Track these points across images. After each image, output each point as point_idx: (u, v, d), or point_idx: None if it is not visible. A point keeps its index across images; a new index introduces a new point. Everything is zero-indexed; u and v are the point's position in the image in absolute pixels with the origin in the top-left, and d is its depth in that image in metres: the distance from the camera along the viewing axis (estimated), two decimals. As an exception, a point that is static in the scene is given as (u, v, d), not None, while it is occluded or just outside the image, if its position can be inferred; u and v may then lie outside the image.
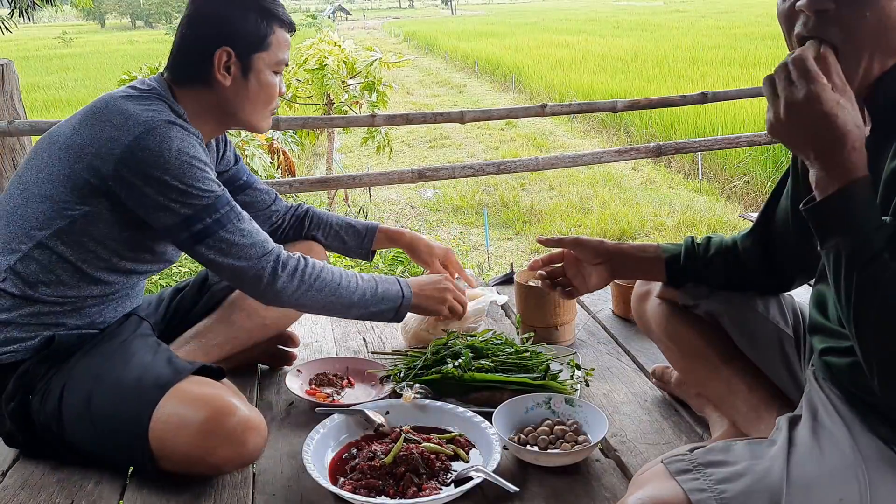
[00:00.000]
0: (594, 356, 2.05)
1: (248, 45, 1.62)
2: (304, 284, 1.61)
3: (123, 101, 1.54)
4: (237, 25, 1.61)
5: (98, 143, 1.50)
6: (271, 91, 1.67)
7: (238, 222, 1.56)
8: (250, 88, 1.64)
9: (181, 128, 1.53)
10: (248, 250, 1.56)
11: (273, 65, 1.66)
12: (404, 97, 15.09)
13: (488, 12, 57.21)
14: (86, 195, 1.51)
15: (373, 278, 1.72)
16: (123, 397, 1.47)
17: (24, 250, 1.52)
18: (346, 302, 1.67)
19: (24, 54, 24.60)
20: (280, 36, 1.66)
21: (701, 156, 8.06)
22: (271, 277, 1.57)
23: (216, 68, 1.60)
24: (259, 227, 1.62)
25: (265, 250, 1.58)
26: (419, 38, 30.94)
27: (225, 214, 1.54)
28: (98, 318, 1.63)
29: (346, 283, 1.67)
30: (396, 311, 1.73)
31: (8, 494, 1.49)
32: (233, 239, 1.54)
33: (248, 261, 1.56)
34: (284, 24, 1.67)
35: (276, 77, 1.68)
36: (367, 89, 6.54)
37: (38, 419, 1.52)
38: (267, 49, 1.64)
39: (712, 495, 1.00)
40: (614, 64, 15.68)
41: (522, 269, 2.17)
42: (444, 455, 1.49)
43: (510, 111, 5.06)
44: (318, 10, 41.47)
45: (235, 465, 1.48)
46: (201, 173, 1.53)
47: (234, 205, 1.57)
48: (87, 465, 1.54)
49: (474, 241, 6.47)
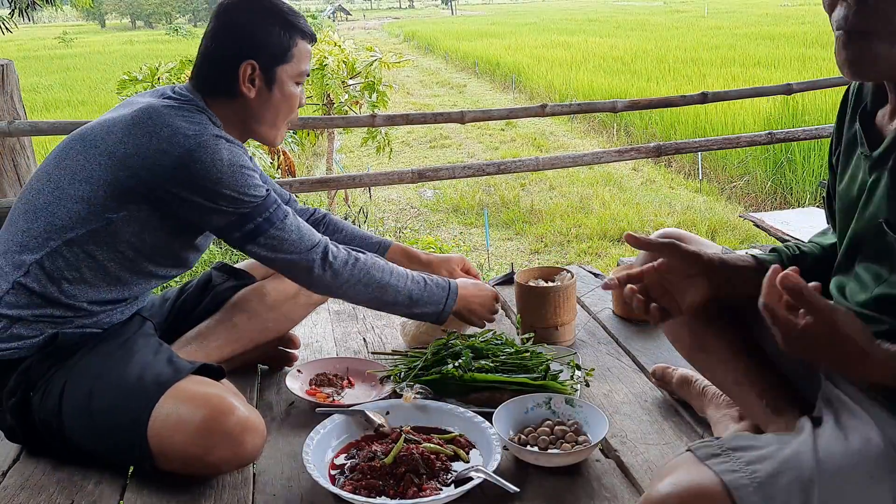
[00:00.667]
0: (594, 356, 2.05)
1: (272, 57, 1.66)
2: (353, 277, 1.69)
3: (169, 113, 1.57)
4: (261, 39, 1.65)
5: (146, 155, 1.54)
6: (293, 102, 1.72)
7: (285, 219, 1.64)
8: (274, 100, 1.69)
9: (227, 140, 1.59)
10: (298, 244, 1.64)
11: (296, 76, 1.70)
12: (404, 97, 15.09)
13: (488, 12, 57.19)
14: (127, 201, 1.55)
15: (423, 280, 1.78)
16: (123, 395, 1.47)
17: (52, 246, 1.54)
18: (391, 300, 1.75)
19: (24, 54, 24.61)
20: (302, 48, 1.69)
21: (701, 156, 8.05)
22: (321, 268, 1.66)
23: (241, 81, 1.65)
24: (302, 221, 1.69)
25: (313, 242, 1.66)
26: (419, 38, 30.93)
27: (273, 213, 1.62)
28: (105, 318, 1.64)
29: (394, 281, 1.74)
30: (438, 316, 1.81)
31: (8, 494, 1.49)
32: (283, 235, 1.63)
33: (298, 254, 1.64)
34: (306, 35, 1.70)
35: (298, 88, 1.72)
36: (367, 89, 6.54)
37: (39, 416, 1.53)
38: (290, 61, 1.68)
39: (744, 475, 1.00)
40: (614, 64, 15.67)
41: (522, 269, 2.17)
42: (444, 455, 1.49)
43: (510, 111, 5.06)
44: (318, 11, 41.44)
45: (233, 465, 1.48)
46: (251, 179, 1.59)
47: (280, 203, 1.65)
48: (87, 465, 1.54)
49: (474, 241, 6.47)
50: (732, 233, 6.27)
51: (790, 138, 4.25)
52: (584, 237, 6.40)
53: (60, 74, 18.99)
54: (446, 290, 1.81)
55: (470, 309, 1.87)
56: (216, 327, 1.83)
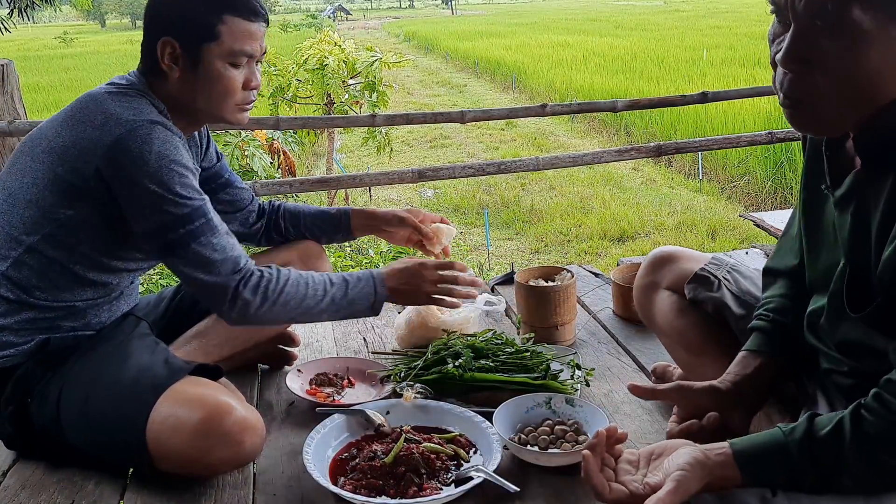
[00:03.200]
0: (594, 356, 2.04)
1: (194, 35, 1.52)
2: (267, 301, 1.54)
3: (105, 99, 1.50)
4: (179, 13, 1.52)
5: (80, 145, 1.47)
6: (228, 84, 1.56)
7: (212, 236, 1.50)
8: (200, 81, 1.55)
9: (164, 127, 1.49)
10: (220, 266, 1.50)
11: (227, 56, 1.54)
12: (404, 97, 15.09)
13: (488, 12, 57.20)
14: (71, 198, 1.48)
15: (344, 280, 1.63)
16: (120, 399, 1.46)
17: (14, 256, 1.50)
18: (315, 311, 1.60)
19: (24, 54, 24.60)
20: (235, 25, 1.53)
21: (701, 156, 8.05)
22: (233, 295, 1.51)
23: (161, 59, 1.53)
24: (236, 241, 1.55)
25: (236, 267, 1.52)
26: (419, 38, 30.92)
27: (200, 226, 1.48)
28: (94, 318, 1.62)
29: (312, 292, 1.58)
30: (370, 309, 1.65)
31: (8, 495, 1.49)
32: (204, 253, 1.49)
33: (217, 276, 1.50)
34: (241, 11, 1.54)
35: (235, 69, 1.56)
36: (367, 89, 6.54)
37: (37, 422, 1.52)
38: (216, 39, 1.52)
39: None
40: (614, 64, 15.67)
41: (522, 269, 2.17)
42: (444, 455, 1.49)
43: (510, 111, 5.06)
44: (318, 10, 41.45)
45: (233, 464, 1.48)
46: (181, 178, 1.47)
47: (210, 217, 1.51)
48: (87, 465, 1.54)
49: (474, 241, 6.47)
50: (732, 233, 6.27)
51: (790, 138, 4.24)
52: (584, 237, 6.41)
53: (60, 74, 18.98)
54: (370, 281, 1.65)
55: (404, 288, 1.67)
56: (214, 325, 1.82)
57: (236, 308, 1.52)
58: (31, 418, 1.53)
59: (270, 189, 3.81)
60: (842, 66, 1.01)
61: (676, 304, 1.60)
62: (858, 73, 1.01)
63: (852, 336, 1.13)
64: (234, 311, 1.53)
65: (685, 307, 1.59)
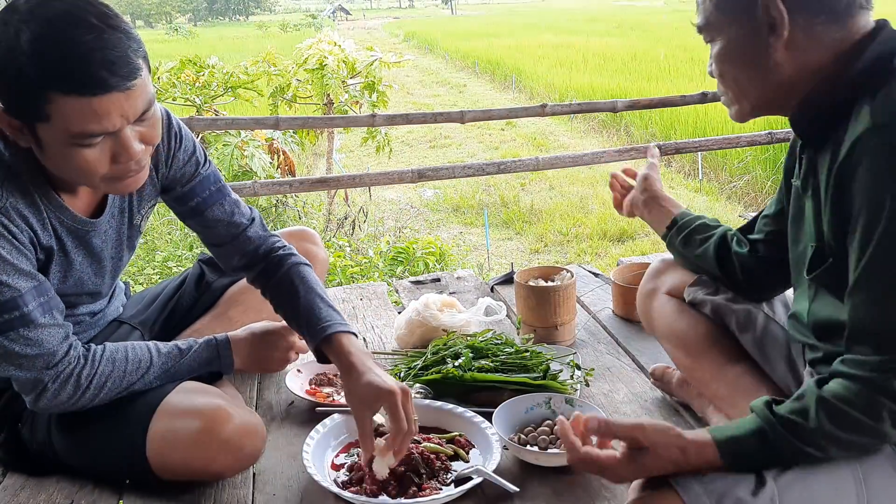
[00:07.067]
0: (594, 356, 2.05)
1: (22, 113, 1.21)
2: (79, 390, 1.37)
3: None
4: (5, 84, 1.19)
5: None
6: (78, 164, 1.24)
7: (26, 329, 1.30)
8: (50, 159, 1.27)
9: None
10: (32, 360, 1.32)
11: (68, 138, 1.20)
12: (404, 97, 15.09)
13: (488, 12, 57.23)
14: None
15: (177, 349, 1.50)
16: (115, 419, 1.43)
17: None
18: (143, 383, 1.45)
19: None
20: (68, 105, 1.16)
21: (701, 156, 8.05)
22: (42, 390, 1.35)
23: (7, 129, 1.25)
24: (58, 330, 1.35)
25: (51, 362, 1.34)
26: (419, 38, 30.93)
27: (10, 320, 1.28)
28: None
29: (133, 367, 1.43)
30: (216, 371, 1.58)
31: (8, 494, 1.49)
32: (13, 348, 1.30)
33: (28, 371, 1.33)
34: (73, 86, 1.16)
35: (87, 149, 1.22)
36: (367, 89, 6.54)
37: (31, 447, 1.50)
38: (46, 121, 1.19)
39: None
40: (614, 64, 15.67)
41: (522, 269, 2.17)
42: (444, 455, 1.49)
43: (510, 111, 5.06)
44: (318, 10, 41.43)
45: (236, 469, 1.47)
46: None
47: (27, 310, 1.29)
48: (87, 465, 1.54)
49: (474, 241, 6.47)
50: (732, 232, 6.27)
51: (790, 138, 4.25)
52: (583, 237, 6.40)
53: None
54: (216, 357, 1.56)
55: (254, 356, 1.64)
56: (212, 323, 1.82)
57: (42, 401, 1.36)
58: (24, 443, 1.51)
59: (270, 189, 3.81)
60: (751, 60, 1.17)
61: (676, 307, 1.61)
62: (767, 63, 1.15)
63: (823, 314, 1.18)
64: (41, 403, 1.36)
65: (684, 310, 1.60)
